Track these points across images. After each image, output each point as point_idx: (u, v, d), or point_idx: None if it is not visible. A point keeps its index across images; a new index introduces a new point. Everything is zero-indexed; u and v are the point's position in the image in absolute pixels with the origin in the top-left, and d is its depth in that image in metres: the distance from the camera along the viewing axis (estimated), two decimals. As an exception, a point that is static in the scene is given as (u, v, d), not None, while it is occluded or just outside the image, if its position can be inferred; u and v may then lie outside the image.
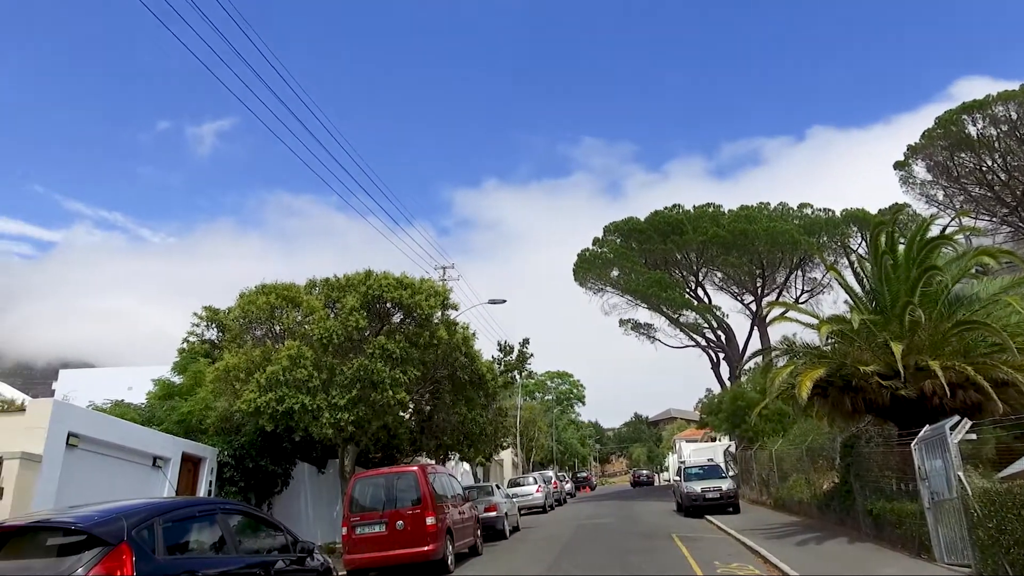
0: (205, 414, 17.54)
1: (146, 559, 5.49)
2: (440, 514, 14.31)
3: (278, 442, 17.76)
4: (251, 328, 18.18)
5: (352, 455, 19.53)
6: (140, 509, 6.05)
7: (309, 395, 16.38)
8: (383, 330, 18.31)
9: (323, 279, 19.23)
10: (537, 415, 62.59)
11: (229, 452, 16.88)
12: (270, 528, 7.95)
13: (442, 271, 32.53)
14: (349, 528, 14.26)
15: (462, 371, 21.39)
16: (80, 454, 11.94)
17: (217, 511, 7.11)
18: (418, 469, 14.97)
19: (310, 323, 17.42)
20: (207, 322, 21.20)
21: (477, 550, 17.12)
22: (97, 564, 5.17)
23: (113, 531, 5.41)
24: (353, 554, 14.03)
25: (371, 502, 14.57)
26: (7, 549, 5.43)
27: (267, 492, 17.80)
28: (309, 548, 8.08)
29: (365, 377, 16.76)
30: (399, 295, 17.95)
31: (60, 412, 11.84)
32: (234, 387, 16.62)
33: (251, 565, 6.88)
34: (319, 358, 16.91)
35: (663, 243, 39.49)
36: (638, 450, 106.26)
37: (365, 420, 17.39)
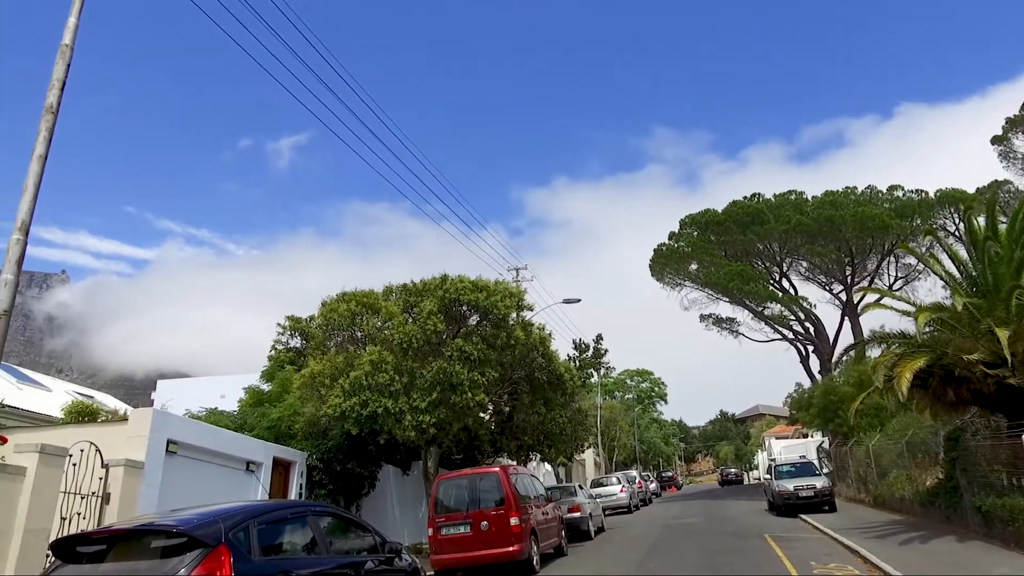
0: (293, 420, 18.09)
1: (243, 560, 5.62)
2: (524, 515, 14.28)
3: (363, 445, 18.13)
4: (333, 335, 18.63)
5: (435, 457, 19.75)
6: (236, 512, 6.20)
7: (391, 399, 16.65)
8: (460, 333, 18.45)
9: (400, 285, 19.54)
10: (618, 414, 61.82)
11: (317, 456, 17.36)
12: (359, 529, 8.06)
13: (515, 272, 32.55)
14: (435, 529, 14.41)
15: (540, 371, 21.34)
16: (179, 460, 12.50)
17: (308, 513, 7.24)
18: (500, 470, 14.99)
19: (390, 328, 17.73)
20: (291, 331, 21.87)
21: (562, 551, 17.01)
22: (198, 565, 5.31)
23: (212, 533, 5.56)
24: (439, 554, 14.16)
25: (455, 503, 14.68)
26: (115, 552, 5.66)
27: (355, 494, 18.20)
28: (397, 548, 8.15)
29: (444, 380, 16.93)
30: (475, 298, 18.06)
31: (159, 421, 12.44)
32: (320, 393, 17.07)
33: (342, 565, 6.98)
34: (399, 362, 17.17)
35: (743, 234, 38.33)
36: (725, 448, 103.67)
37: (446, 422, 17.56)
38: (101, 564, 5.55)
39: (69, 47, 8.39)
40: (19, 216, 7.45)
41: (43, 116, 8.02)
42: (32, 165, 7.64)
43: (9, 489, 8.95)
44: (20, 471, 9.15)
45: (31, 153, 7.86)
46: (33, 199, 7.54)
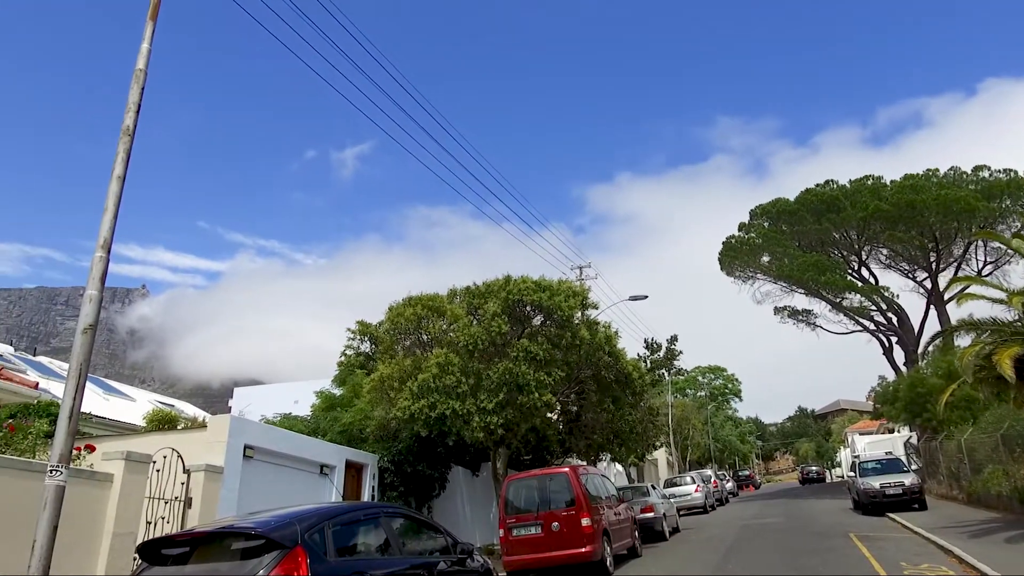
0: (364, 423, 18.42)
1: (319, 561, 5.71)
2: (595, 515, 14.13)
3: (433, 447, 18.31)
4: (401, 339, 18.90)
5: (503, 457, 19.79)
6: (311, 514, 6.31)
7: (459, 400, 16.77)
8: (525, 333, 18.44)
9: (464, 287, 19.67)
10: (690, 412, 60.67)
11: (388, 458, 17.62)
12: (430, 530, 8.11)
13: (579, 271, 32.35)
14: (506, 530, 14.40)
15: (607, 370, 21.14)
16: (255, 464, 12.88)
17: (380, 514, 7.33)
18: (569, 470, 14.88)
19: (455, 331, 17.87)
20: (360, 336, 22.30)
21: (636, 551, 16.76)
22: (276, 566, 5.41)
23: (288, 535, 5.67)
24: (512, 555, 14.15)
25: (525, 504, 14.64)
26: (198, 554, 5.84)
27: (426, 496, 18.39)
28: (469, 549, 8.17)
29: (511, 380, 16.95)
30: (538, 298, 18.04)
31: (237, 427, 12.86)
32: (389, 396, 17.34)
33: (415, 566, 7.03)
34: (466, 364, 17.28)
35: (817, 223, 37.00)
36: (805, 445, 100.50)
37: (514, 423, 17.58)
38: (185, 566, 5.72)
39: (143, 71, 8.67)
40: (101, 234, 7.75)
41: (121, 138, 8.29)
42: (112, 185, 7.92)
43: (98, 495, 9.39)
44: (108, 478, 9.58)
45: (111, 174, 8.15)
46: (113, 218, 7.82)
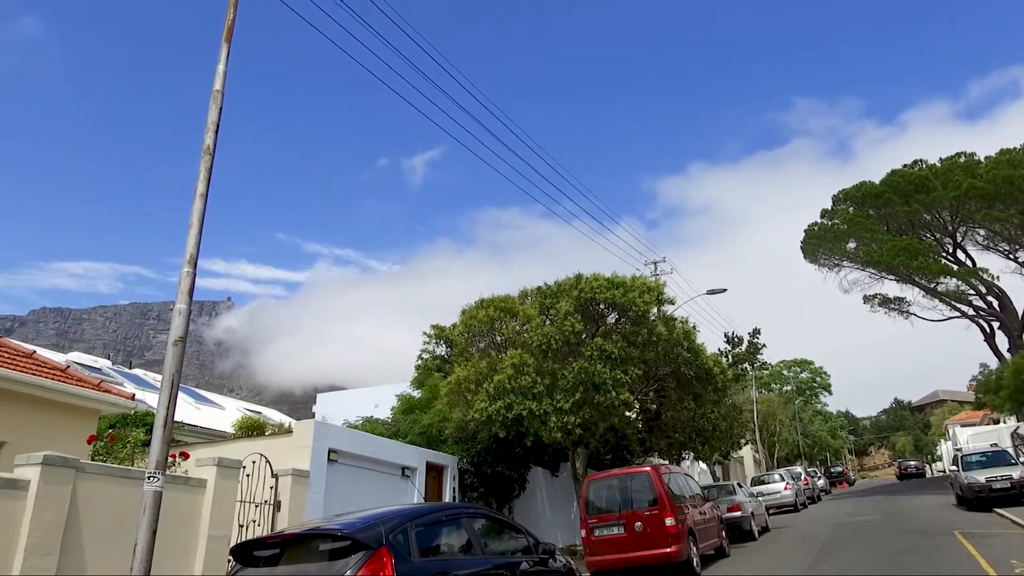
0: (443, 425, 18.64)
1: (404, 561, 5.77)
2: (679, 515, 13.84)
3: (511, 448, 18.36)
4: (475, 341, 19.03)
5: (583, 457, 19.65)
6: (394, 515, 6.40)
7: (535, 401, 16.75)
8: (599, 332, 18.27)
9: (536, 287, 19.65)
10: (776, 408, 58.77)
11: (467, 459, 17.77)
12: (512, 531, 8.11)
13: (653, 266, 31.82)
14: (587, 530, 14.28)
15: (686, 367, 20.70)
16: (340, 467, 13.21)
17: (462, 515, 7.37)
18: (651, 469, 14.63)
19: (528, 331, 17.86)
20: (435, 339, 22.58)
21: (724, 551, 16.34)
22: (363, 567, 5.50)
23: (373, 536, 5.76)
24: (594, 556, 14.01)
25: (607, 504, 14.48)
26: (288, 555, 6.01)
27: (506, 496, 18.45)
28: (551, 549, 8.12)
29: (587, 380, 16.82)
30: (611, 295, 17.82)
31: (321, 431, 13.22)
32: (466, 398, 17.48)
33: (498, 566, 7.03)
34: (540, 364, 17.24)
35: (906, 205, 35.20)
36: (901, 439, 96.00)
37: (591, 422, 17.42)
38: (276, 567, 5.89)
39: (220, 92, 8.93)
40: (187, 250, 8.05)
41: (202, 157, 8.58)
42: (195, 203, 8.21)
43: (193, 500, 9.80)
44: (202, 483, 9.99)
45: (194, 192, 8.43)
46: (198, 234, 8.11)
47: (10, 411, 11.50)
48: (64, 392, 12.30)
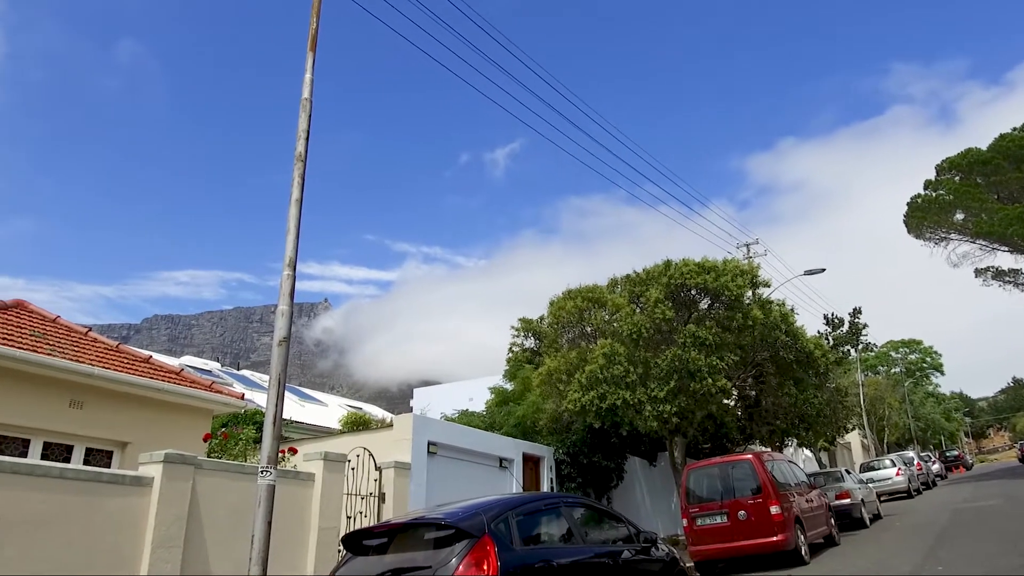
0: (537, 416, 18.73)
1: (506, 549, 5.83)
2: (785, 503, 13.41)
3: (606, 438, 18.24)
4: (564, 332, 19.00)
5: (680, 446, 19.33)
6: (495, 504, 6.48)
7: (628, 390, 16.57)
8: (692, 318, 17.88)
9: (624, 276, 19.44)
10: (884, 391, 55.96)
11: (563, 450, 17.79)
12: (612, 519, 8.05)
13: (746, 248, 30.85)
14: (689, 519, 14.05)
15: (785, 351, 20.01)
16: (439, 460, 13.49)
17: (561, 504, 7.38)
18: (753, 457, 14.23)
19: (618, 320, 17.69)
20: (523, 332, 22.70)
21: (833, 540, 15.71)
22: (467, 555, 5.60)
23: (476, 525, 5.85)
24: (697, 545, 13.77)
25: (708, 493, 14.19)
26: (395, 544, 6.18)
27: (603, 486, 18.37)
28: (652, 538, 8.02)
29: (681, 367, 16.51)
30: (703, 280, 17.41)
31: (420, 425, 13.54)
32: (558, 388, 17.49)
33: (599, 555, 7.00)
34: (632, 353, 17.05)
35: (1018, 171, 32.74)
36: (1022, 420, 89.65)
37: (688, 410, 17.10)
38: (384, 556, 6.06)
39: (308, 100, 9.22)
40: (286, 254, 8.37)
41: (295, 164, 8.88)
42: (291, 209, 8.52)
43: (303, 493, 10.23)
44: (310, 477, 10.41)
45: (289, 198, 8.75)
46: (296, 238, 8.42)
47: (131, 413, 12.33)
48: (179, 394, 13.08)
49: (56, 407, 11.41)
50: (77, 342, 12.93)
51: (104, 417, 11.96)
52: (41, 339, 12.05)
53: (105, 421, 11.98)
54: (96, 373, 11.71)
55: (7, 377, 10.83)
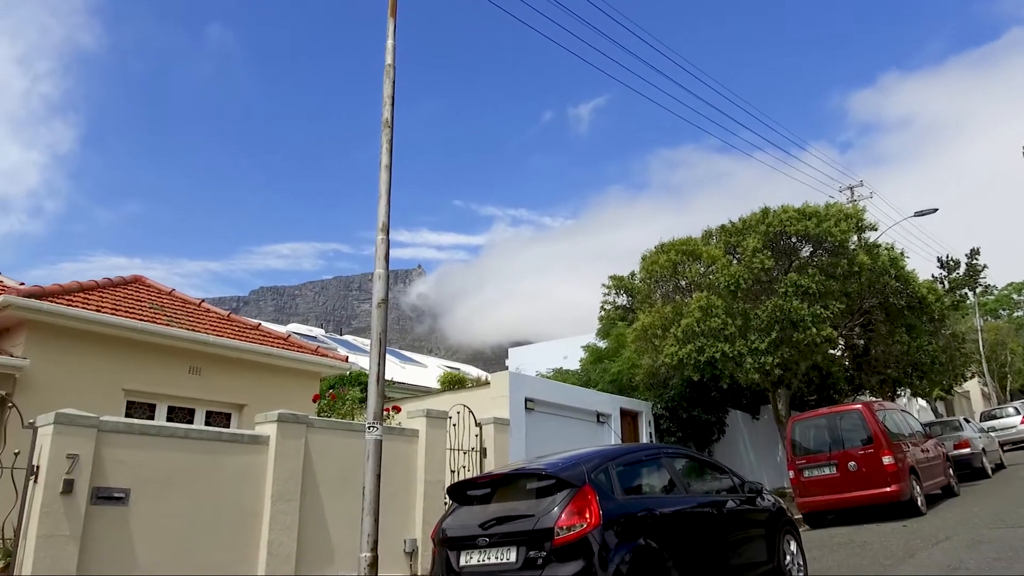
0: (633, 372, 18.62)
1: (607, 498, 5.87)
2: (898, 452, 12.86)
3: (706, 392, 17.97)
4: (657, 287, 18.69)
5: (784, 399, 18.80)
6: (595, 455, 6.52)
7: (727, 343, 16.20)
8: (793, 267, 17.22)
9: (718, 227, 18.87)
10: (1006, 335, 52.31)
11: (661, 405, 17.66)
12: (715, 470, 7.95)
13: (849, 192, 29.28)
14: (796, 471, 13.72)
15: (895, 297, 18.99)
16: (537, 416, 13.67)
17: (661, 455, 7.34)
18: (863, 407, 13.69)
19: (713, 272, 17.23)
20: (616, 289, 22.49)
21: (952, 490, 14.99)
22: (569, 503, 5.68)
23: (576, 475, 5.91)
24: (805, 497, 13.46)
25: (815, 444, 13.79)
26: (498, 494, 6.33)
27: (704, 440, 18.16)
28: (757, 488, 7.87)
29: (783, 318, 15.98)
30: (804, 226, 16.70)
31: (516, 382, 13.74)
32: (653, 344, 17.29)
33: (702, 504, 6.94)
34: (730, 305, 16.61)
35: None
36: None
37: (791, 362, 16.59)
38: (488, 505, 6.23)
39: (392, 66, 9.27)
40: (379, 219, 8.55)
41: (382, 130, 9.00)
42: (382, 174, 8.67)
43: (409, 449, 10.60)
44: (414, 433, 10.77)
45: (379, 165, 8.89)
46: (387, 203, 8.58)
47: (245, 378, 13.08)
48: (288, 358, 13.76)
49: (177, 374, 12.23)
50: (192, 312, 13.76)
51: (220, 382, 12.75)
52: (160, 311, 12.89)
53: (222, 385, 12.76)
54: (211, 341, 12.45)
55: (131, 347, 11.68)
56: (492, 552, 5.77)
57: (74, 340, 11.07)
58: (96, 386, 10.92)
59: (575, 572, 5.34)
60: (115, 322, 11.37)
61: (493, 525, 5.86)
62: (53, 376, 10.67)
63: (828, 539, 11.10)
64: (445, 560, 6.06)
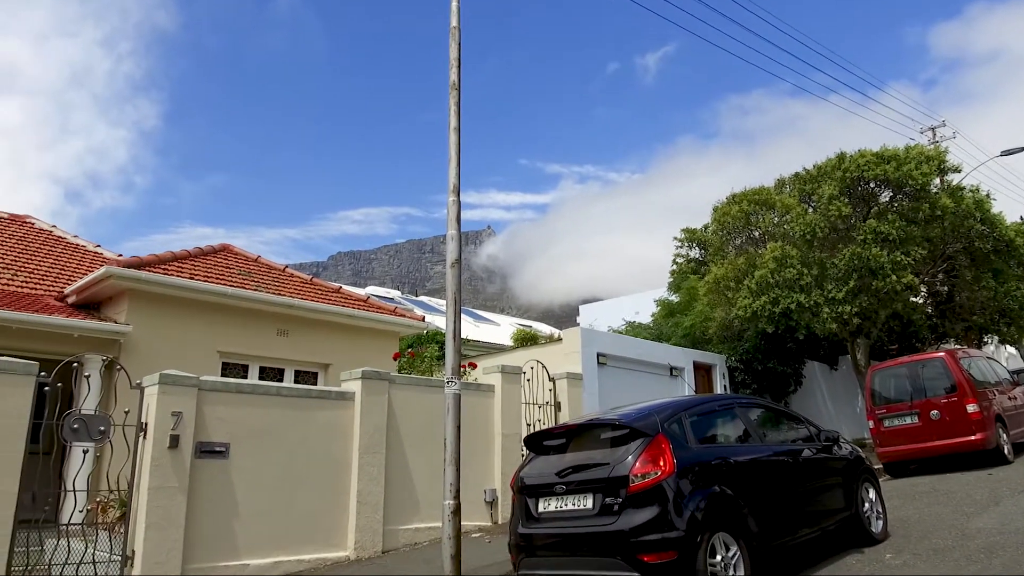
0: (705, 325, 18.51)
1: (681, 447, 6.01)
2: (983, 400, 12.50)
3: (781, 343, 17.75)
4: (730, 238, 18.42)
5: (863, 348, 18.38)
6: (668, 406, 6.65)
7: (803, 293, 15.91)
8: (871, 213, 16.67)
9: (792, 175, 18.38)
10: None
11: (735, 358, 17.56)
12: (790, 420, 7.96)
13: (931, 133, 27.81)
14: (876, 421, 13.52)
15: (981, 241, 18.13)
16: (609, 370, 13.85)
17: (735, 405, 7.40)
18: (946, 355, 13.31)
19: (788, 222, 16.86)
20: (687, 242, 22.23)
21: (1044, 440, 14.48)
22: (643, 452, 5.84)
23: (649, 425, 6.07)
24: (886, 447, 13.27)
25: (896, 393, 13.52)
26: (573, 444, 6.56)
27: (780, 392, 18.01)
28: (834, 437, 7.85)
29: (861, 266, 15.57)
30: (882, 171, 16.10)
31: (588, 337, 13.93)
32: (726, 296, 17.12)
33: (778, 453, 7.00)
34: (805, 255, 16.27)
35: None
36: None
37: (870, 311, 16.18)
38: (564, 455, 6.46)
39: (457, 28, 9.26)
40: (450, 181, 8.71)
41: (450, 93, 9.05)
42: (451, 137, 8.79)
43: (485, 404, 10.98)
44: (490, 388, 11.13)
45: (447, 127, 8.99)
46: (457, 165, 8.72)
47: (329, 338, 13.71)
48: (369, 319, 14.33)
49: (266, 336, 12.94)
50: (277, 278, 14.44)
51: (307, 343, 13.42)
52: (247, 277, 13.59)
53: (308, 346, 13.44)
54: (297, 304, 13.10)
55: (223, 312, 12.40)
56: (569, 499, 6.02)
57: (171, 306, 11.84)
58: (193, 349, 11.70)
59: (651, 518, 5.51)
60: (208, 288, 12.10)
61: (569, 473, 6.08)
62: (153, 340, 11.48)
63: (910, 488, 10.98)
64: (524, 506, 6.34)
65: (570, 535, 5.88)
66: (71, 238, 16.14)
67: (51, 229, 16.38)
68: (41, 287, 12.72)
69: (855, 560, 6.82)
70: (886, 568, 6.43)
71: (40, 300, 11.78)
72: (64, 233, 16.33)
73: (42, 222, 16.67)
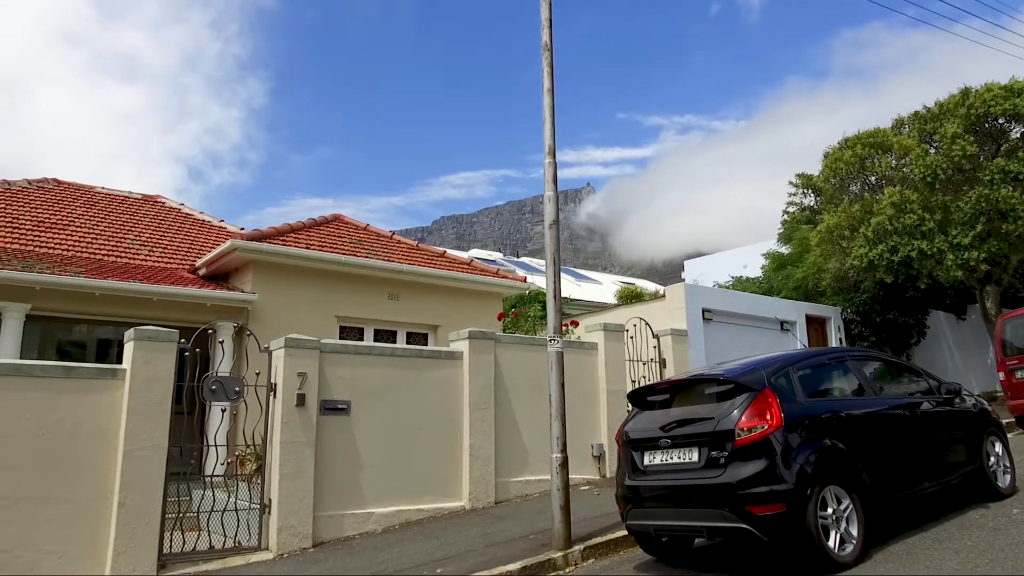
0: (819, 277, 17.82)
1: (789, 401, 5.94)
2: None
3: (902, 293, 16.87)
4: (844, 185, 17.52)
5: (993, 296, 17.19)
6: (774, 360, 6.56)
7: (925, 239, 15.01)
8: (1000, 151, 15.44)
9: (911, 114, 17.19)
10: None
11: (851, 309, 16.87)
12: (908, 373, 7.67)
13: (1077, 57, 25.18)
14: (1006, 372, 12.69)
15: None
16: (715, 326, 13.65)
17: (847, 358, 7.19)
18: (1089, 300, 12.29)
19: (907, 165, 15.86)
20: (802, 189, 21.30)
21: None
22: (749, 406, 5.81)
23: (755, 379, 6.02)
24: (1017, 399, 12.47)
25: (1029, 343, 12.64)
26: (678, 399, 6.61)
27: (902, 344, 17.18)
28: (955, 389, 7.50)
29: (989, 208, 14.54)
30: (1011, 105, 14.89)
31: (692, 293, 13.76)
32: (841, 246, 16.40)
33: (893, 407, 6.79)
34: (926, 199, 15.30)
35: None
36: None
37: (1000, 256, 15.13)
38: (669, 409, 6.52)
39: None
40: (545, 143, 8.77)
41: (542, 54, 9.04)
42: (544, 98, 8.80)
43: (589, 361, 11.13)
44: (593, 346, 11.26)
45: (541, 89, 9.02)
46: (552, 127, 8.75)
47: (436, 301, 14.22)
48: (474, 281, 14.73)
49: (378, 300, 13.58)
50: (386, 245, 15.05)
51: (416, 306, 13.97)
52: (359, 245, 14.23)
53: (417, 309, 14.00)
54: (406, 269, 13.65)
55: (338, 278, 13.10)
56: (675, 452, 6.09)
57: (291, 275, 12.63)
58: (312, 314, 12.46)
59: (758, 471, 5.51)
60: (324, 257, 12.81)
61: (674, 427, 6.15)
62: (276, 307, 12.30)
63: (1044, 443, 10.34)
64: (630, 459, 6.47)
65: (677, 487, 5.97)
66: (197, 215, 17.37)
67: (179, 207, 17.68)
68: (175, 261, 13.83)
69: (979, 515, 6.58)
70: (1012, 523, 6.17)
71: (175, 273, 12.83)
72: (191, 210, 17.59)
73: (171, 201, 18.02)
